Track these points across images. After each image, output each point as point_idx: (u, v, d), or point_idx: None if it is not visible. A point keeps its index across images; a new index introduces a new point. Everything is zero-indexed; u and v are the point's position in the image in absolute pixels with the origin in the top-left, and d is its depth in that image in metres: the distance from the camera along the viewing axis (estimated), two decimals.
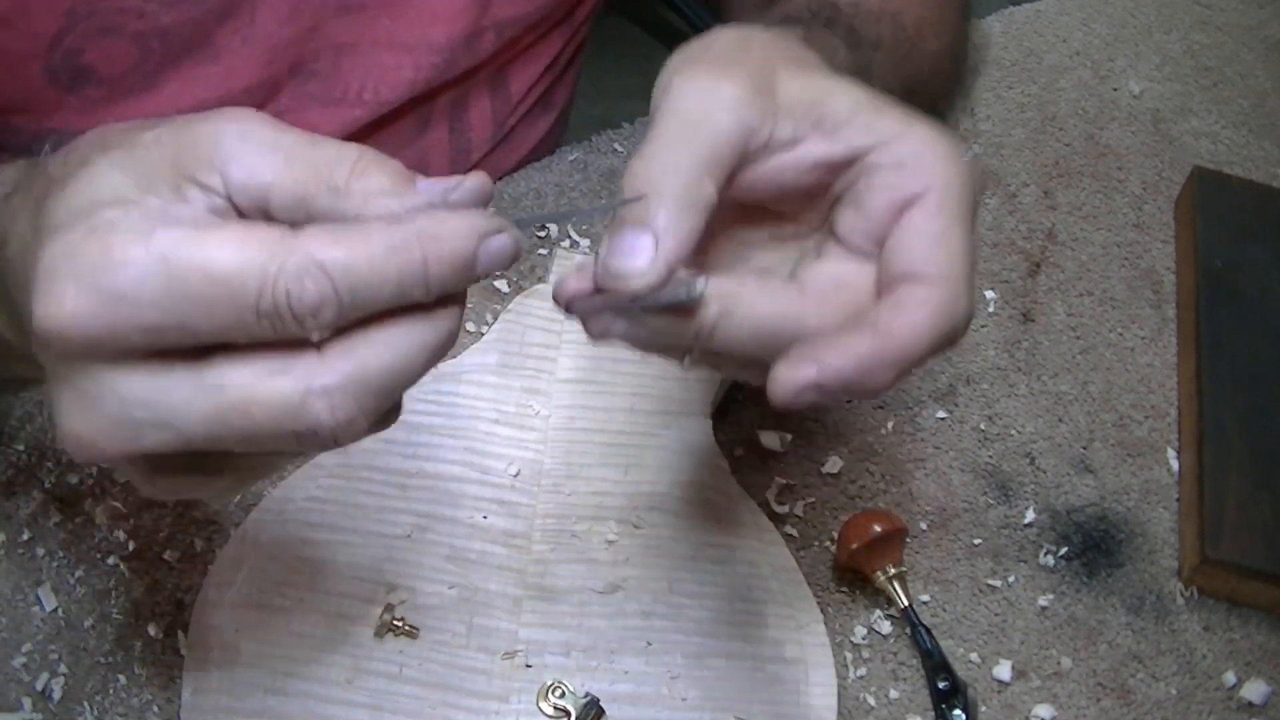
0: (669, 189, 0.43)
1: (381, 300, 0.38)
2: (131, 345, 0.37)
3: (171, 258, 0.36)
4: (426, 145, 0.78)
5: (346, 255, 0.37)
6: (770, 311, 0.44)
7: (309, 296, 0.37)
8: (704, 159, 0.44)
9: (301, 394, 0.38)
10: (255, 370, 0.38)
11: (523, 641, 0.62)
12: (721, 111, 0.45)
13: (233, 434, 0.38)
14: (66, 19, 0.61)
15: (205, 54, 0.66)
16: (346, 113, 0.72)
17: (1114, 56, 0.97)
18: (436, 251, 0.38)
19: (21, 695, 0.60)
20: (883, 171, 0.45)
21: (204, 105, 0.68)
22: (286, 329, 0.37)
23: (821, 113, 0.46)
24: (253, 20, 0.66)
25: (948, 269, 0.44)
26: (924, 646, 0.66)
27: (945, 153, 0.45)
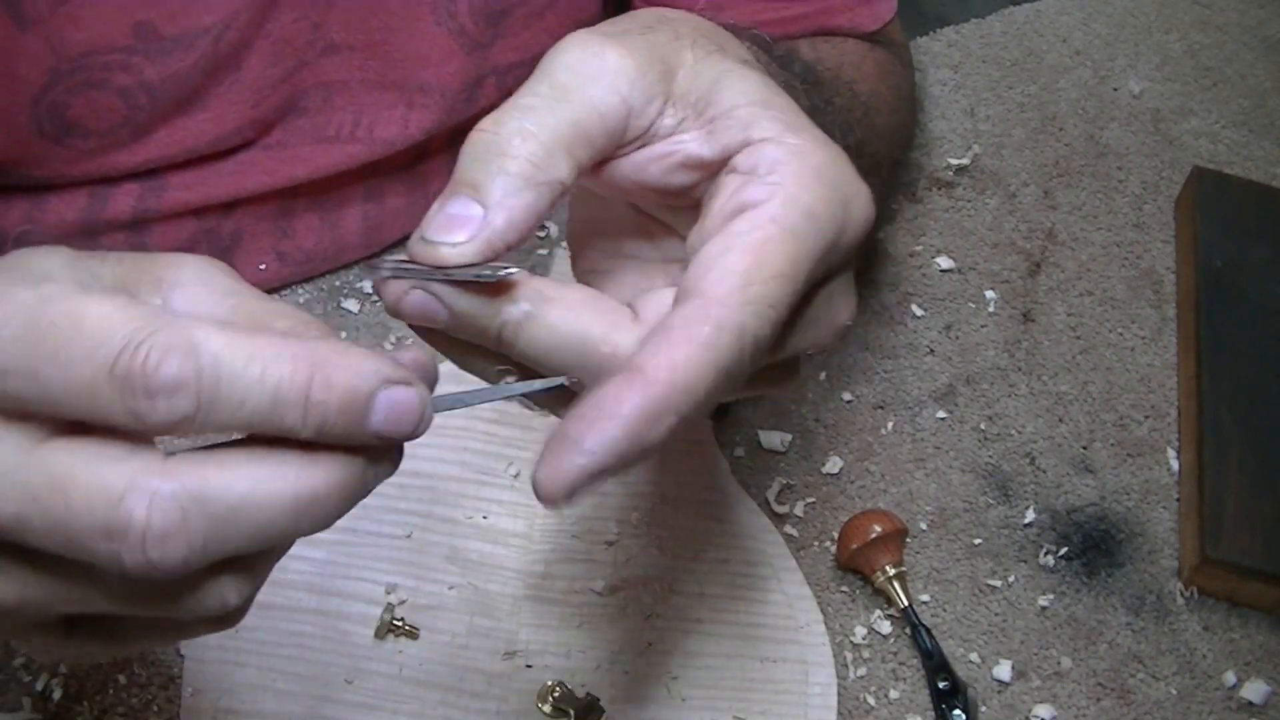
0: (513, 157, 0.38)
1: (247, 413, 0.33)
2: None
3: (49, 301, 0.33)
4: (426, 172, 0.77)
5: (224, 345, 0.33)
6: (580, 329, 0.38)
7: (168, 370, 0.32)
8: (564, 132, 0.39)
9: (125, 486, 0.33)
10: (89, 452, 0.33)
11: (523, 641, 0.62)
12: (598, 82, 0.39)
13: (44, 520, 0.33)
14: (51, 74, 0.61)
15: (194, 104, 0.66)
16: (340, 150, 0.71)
17: (1114, 56, 0.97)
18: (326, 377, 0.34)
19: (21, 695, 0.60)
20: (736, 175, 0.39)
21: (193, 150, 0.68)
22: (137, 406, 0.32)
23: (707, 103, 0.40)
24: (239, 66, 0.66)
25: (741, 290, 0.37)
26: (924, 646, 0.66)
27: (815, 167, 0.39)
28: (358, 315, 0.75)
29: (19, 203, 0.68)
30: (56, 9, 0.59)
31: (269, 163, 0.70)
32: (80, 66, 0.61)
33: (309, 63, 0.68)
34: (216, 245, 0.72)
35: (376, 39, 0.69)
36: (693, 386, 0.36)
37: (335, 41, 0.68)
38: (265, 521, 0.34)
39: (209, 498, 0.33)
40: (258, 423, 0.33)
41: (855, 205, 0.40)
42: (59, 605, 0.36)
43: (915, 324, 0.80)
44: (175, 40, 0.62)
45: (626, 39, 0.40)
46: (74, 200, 0.68)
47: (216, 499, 0.33)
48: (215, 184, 0.70)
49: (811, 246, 0.38)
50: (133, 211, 0.69)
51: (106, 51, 0.61)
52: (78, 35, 0.60)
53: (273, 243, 0.74)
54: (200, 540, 0.33)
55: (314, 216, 0.74)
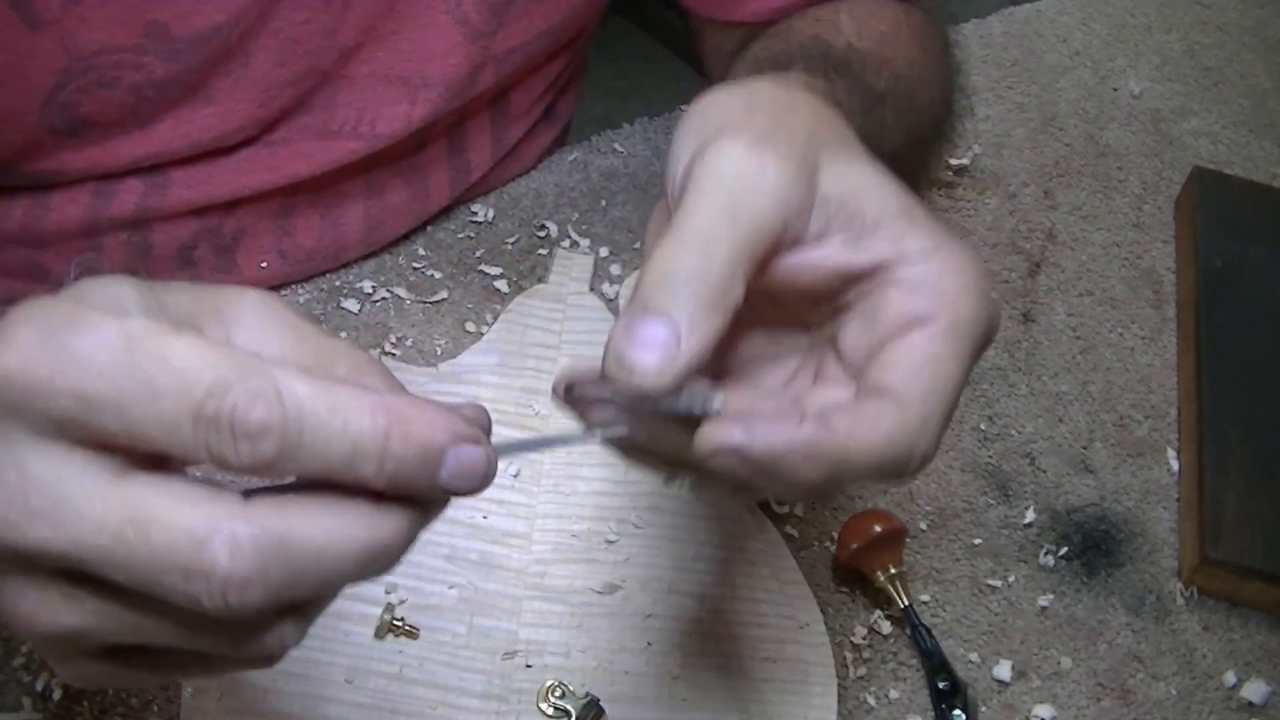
0: (700, 281, 0.39)
1: (328, 460, 0.34)
2: (64, 414, 0.34)
3: (137, 338, 0.34)
4: (424, 162, 0.77)
5: (309, 394, 0.34)
6: (788, 446, 0.39)
7: (256, 416, 0.33)
8: (741, 252, 0.40)
9: (208, 531, 0.33)
10: (170, 492, 0.34)
11: (523, 641, 0.62)
12: (765, 199, 0.41)
13: (123, 554, 0.34)
14: (62, 75, 0.61)
15: (199, 98, 0.66)
16: (342, 145, 0.71)
17: (1114, 56, 0.97)
18: (403, 429, 0.35)
19: (21, 695, 0.60)
20: (900, 288, 0.42)
21: (197, 144, 0.68)
22: (221, 447, 0.34)
23: (852, 210, 0.42)
24: (246, 63, 0.66)
25: (923, 396, 0.40)
26: (924, 646, 0.66)
27: (968, 281, 0.42)
28: (358, 315, 0.75)
29: (22, 201, 0.68)
30: (69, 10, 0.59)
31: (271, 160, 0.70)
32: (92, 66, 0.61)
33: (321, 68, 0.68)
34: (218, 244, 0.72)
35: (387, 36, 0.69)
36: (854, 460, 0.39)
37: (349, 44, 0.68)
38: (336, 570, 0.35)
39: (288, 546, 0.34)
40: (335, 471, 0.34)
41: (997, 314, 0.43)
42: (120, 636, 0.37)
43: None
44: (186, 40, 0.62)
45: (779, 147, 0.41)
46: (77, 198, 0.68)
47: (295, 548, 0.34)
48: (218, 182, 0.70)
49: (971, 363, 0.42)
50: (135, 209, 0.69)
51: (117, 51, 0.61)
52: (89, 35, 0.60)
53: (274, 241, 0.74)
54: (275, 586, 0.34)
55: (315, 214, 0.74)
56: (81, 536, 0.34)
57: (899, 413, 0.40)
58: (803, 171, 0.41)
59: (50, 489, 0.34)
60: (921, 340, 0.41)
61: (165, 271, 0.72)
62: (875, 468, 0.40)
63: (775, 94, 0.46)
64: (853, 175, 0.43)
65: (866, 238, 0.42)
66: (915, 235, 0.42)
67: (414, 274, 0.77)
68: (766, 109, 0.44)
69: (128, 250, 0.71)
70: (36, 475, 0.34)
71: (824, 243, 0.42)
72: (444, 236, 0.80)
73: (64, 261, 0.71)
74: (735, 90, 0.45)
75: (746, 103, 0.44)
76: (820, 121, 0.45)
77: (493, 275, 0.78)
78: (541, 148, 0.86)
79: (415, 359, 0.73)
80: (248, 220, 0.72)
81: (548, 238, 0.80)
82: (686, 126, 0.44)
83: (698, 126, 0.43)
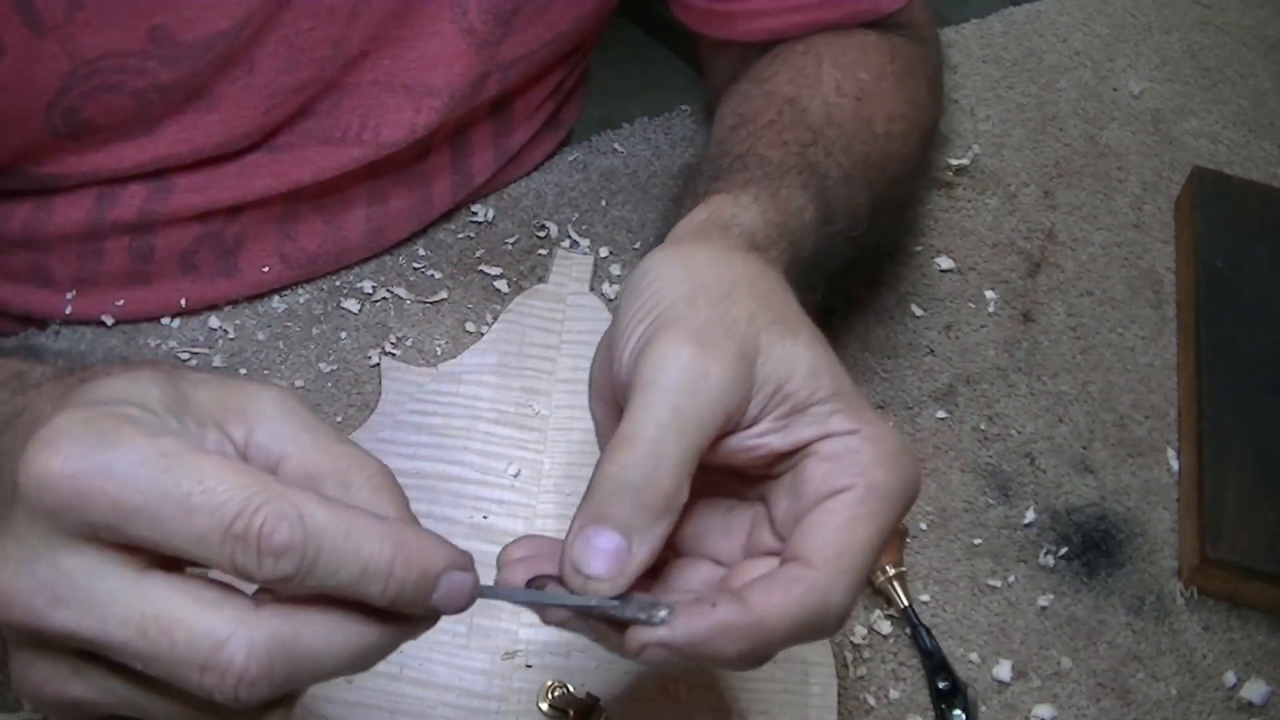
0: (650, 492, 0.44)
1: (339, 578, 0.38)
2: (100, 521, 0.37)
3: (172, 456, 0.38)
4: (427, 169, 0.77)
5: (327, 520, 0.38)
6: (708, 630, 0.43)
7: (280, 537, 0.37)
8: (687, 459, 0.45)
9: (226, 634, 0.37)
10: (193, 595, 0.38)
11: (523, 641, 0.62)
12: (709, 405, 0.45)
13: (145, 648, 0.38)
14: (66, 80, 0.61)
15: (204, 103, 0.66)
16: (345, 152, 0.71)
17: (1114, 56, 0.97)
18: (407, 556, 0.39)
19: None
20: (822, 463, 0.46)
21: (201, 150, 0.68)
22: (246, 561, 0.37)
23: (784, 394, 0.47)
24: (251, 69, 0.65)
25: (835, 559, 0.44)
26: (924, 646, 0.66)
27: (885, 454, 0.46)
28: (358, 315, 0.75)
29: (25, 204, 0.68)
30: (73, 15, 0.59)
31: (274, 165, 0.70)
32: (96, 70, 0.61)
33: (326, 76, 0.68)
34: (221, 248, 0.72)
35: (393, 44, 0.69)
36: (772, 628, 0.43)
37: (354, 53, 0.68)
38: (329, 671, 0.39)
39: (294, 651, 0.38)
40: (344, 588, 0.39)
41: (916, 481, 0.47)
42: (121, 710, 0.40)
43: (915, 324, 0.80)
44: (190, 45, 0.62)
45: (721, 347, 0.46)
46: (80, 202, 0.68)
47: (299, 652, 0.38)
48: (221, 187, 0.70)
49: (887, 526, 0.46)
50: (138, 214, 0.69)
51: (121, 56, 0.61)
52: (93, 40, 0.60)
53: (276, 245, 0.74)
54: (280, 683, 0.38)
55: (317, 219, 0.74)
56: (107, 629, 0.38)
57: (812, 576, 0.44)
58: (743, 366, 0.46)
59: (80, 583, 0.38)
60: (838, 507, 0.45)
61: (166, 274, 0.72)
62: (794, 631, 0.43)
63: (718, 274, 0.49)
64: (788, 361, 0.47)
65: (796, 420, 0.47)
66: (840, 417, 0.47)
67: (414, 274, 0.77)
68: (709, 295, 0.48)
69: (129, 254, 0.71)
70: (67, 570, 0.38)
71: (758, 425, 0.47)
72: (444, 237, 0.80)
73: (66, 265, 0.71)
74: (678, 268, 0.49)
75: (689, 288, 0.48)
76: (761, 303, 0.48)
77: (493, 275, 0.78)
78: (545, 154, 0.85)
79: (415, 359, 0.73)
80: (250, 224, 0.72)
81: (548, 238, 0.80)
82: (632, 301, 0.48)
83: (644, 307, 0.48)
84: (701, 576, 0.49)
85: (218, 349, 0.73)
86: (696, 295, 0.48)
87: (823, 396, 0.47)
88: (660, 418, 0.45)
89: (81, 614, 0.38)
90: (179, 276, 0.72)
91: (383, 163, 0.73)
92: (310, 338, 0.74)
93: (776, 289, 0.51)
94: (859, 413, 0.47)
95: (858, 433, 0.46)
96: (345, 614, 0.39)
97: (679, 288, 0.48)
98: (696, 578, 0.49)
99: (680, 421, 0.45)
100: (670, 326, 0.46)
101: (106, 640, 0.38)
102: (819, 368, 0.47)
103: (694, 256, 0.50)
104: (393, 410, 0.69)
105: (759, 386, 0.47)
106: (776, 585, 0.44)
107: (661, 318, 0.47)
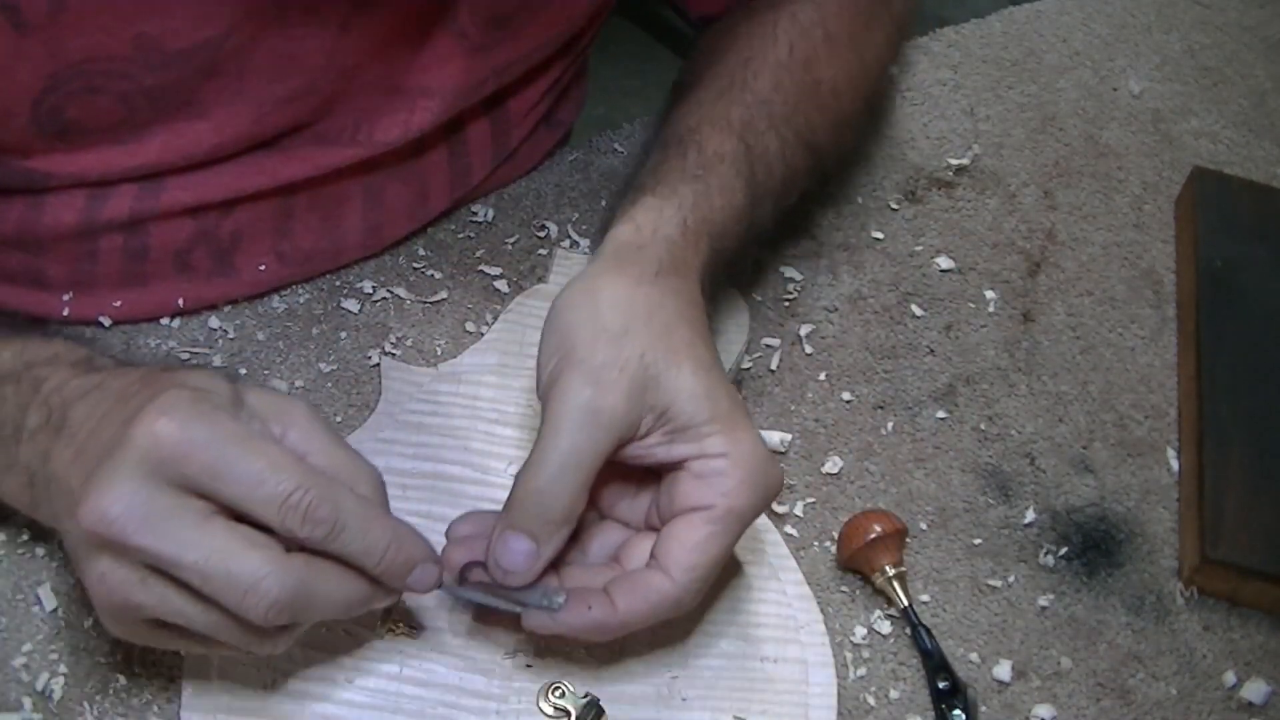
0: (554, 507, 0.57)
1: (350, 548, 0.53)
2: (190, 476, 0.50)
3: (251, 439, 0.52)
4: (423, 167, 0.77)
5: (353, 508, 0.53)
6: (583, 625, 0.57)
7: (322, 512, 0.52)
8: (584, 479, 0.57)
9: (268, 571, 0.51)
10: (246, 539, 0.51)
11: (523, 642, 0.62)
12: (603, 436, 0.57)
13: (205, 572, 0.50)
14: (49, 80, 0.61)
15: (193, 110, 0.66)
16: (340, 152, 0.71)
17: (1114, 56, 0.97)
18: (399, 546, 0.54)
19: (21, 695, 0.60)
20: (693, 479, 0.58)
21: (191, 157, 0.68)
22: (292, 524, 0.51)
23: (668, 417, 0.58)
24: (241, 78, 0.65)
25: (688, 573, 0.57)
26: (924, 646, 0.66)
27: (746, 476, 0.57)
28: (358, 315, 0.75)
29: (16, 204, 0.68)
30: (56, 16, 0.59)
31: (268, 163, 0.70)
32: (80, 73, 0.61)
33: (318, 86, 0.68)
34: (216, 247, 0.72)
35: (387, 52, 0.68)
36: (631, 624, 0.57)
37: (348, 64, 0.68)
38: (328, 610, 0.54)
39: (311, 590, 0.52)
40: (352, 557, 0.53)
41: (774, 490, 0.59)
42: (171, 616, 0.52)
43: (915, 324, 0.80)
44: (176, 53, 0.62)
45: (613, 385, 0.57)
46: (71, 201, 0.68)
47: (314, 591, 0.52)
48: (214, 184, 0.69)
49: (736, 537, 0.58)
50: (130, 212, 0.68)
51: (105, 60, 0.61)
52: (76, 43, 0.60)
53: (272, 244, 0.73)
54: (294, 612, 0.52)
55: (313, 216, 0.74)
56: (180, 553, 0.50)
57: (667, 587, 0.57)
58: (633, 399, 0.57)
59: (166, 517, 0.50)
60: (698, 523, 0.57)
61: (162, 275, 0.72)
62: (647, 623, 0.58)
63: (619, 313, 0.59)
64: (672, 390, 0.58)
65: (678, 437, 0.58)
66: (715, 439, 0.58)
67: (414, 274, 0.77)
68: (608, 335, 0.58)
69: (123, 254, 0.70)
70: (159, 506, 0.50)
71: (648, 439, 0.58)
72: (444, 237, 0.80)
73: (61, 266, 0.70)
74: (585, 308, 0.59)
75: (592, 330, 0.58)
76: (653, 338, 0.59)
77: (493, 275, 0.78)
78: (544, 151, 0.85)
79: (415, 359, 0.73)
80: (245, 222, 0.72)
81: (548, 238, 0.80)
82: (549, 336, 0.59)
83: (556, 343, 0.59)
84: (611, 541, 0.62)
85: (218, 349, 0.73)
86: (598, 336, 0.58)
87: (701, 420, 0.58)
88: (561, 449, 0.56)
89: (162, 539, 0.50)
90: (175, 277, 0.72)
91: (378, 160, 0.73)
92: (310, 338, 0.74)
93: (671, 321, 0.60)
94: (732, 434, 0.58)
95: (726, 456, 0.57)
96: (347, 573, 0.54)
97: (584, 330, 0.58)
98: (608, 541, 0.62)
99: (578, 454, 0.56)
100: (573, 368, 0.57)
101: (178, 562, 0.50)
102: (698, 394, 0.58)
103: (601, 294, 0.60)
104: (392, 410, 0.69)
105: (648, 410, 0.58)
106: (639, 591, 0.57)
107: (566, 358, 0.58)
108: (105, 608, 0.53)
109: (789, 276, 0.81)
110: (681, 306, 0.61)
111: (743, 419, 0.59)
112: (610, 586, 0.58)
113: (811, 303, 0.80)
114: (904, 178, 0.87)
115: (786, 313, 0.79)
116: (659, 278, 0.61)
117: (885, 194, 0.86)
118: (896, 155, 0.89)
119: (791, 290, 0.80)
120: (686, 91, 0.74)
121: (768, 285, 0.80)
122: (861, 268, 0.82)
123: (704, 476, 0.58)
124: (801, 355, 0.77)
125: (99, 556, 0.51)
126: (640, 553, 0.60)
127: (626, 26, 1.65)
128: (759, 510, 0.59)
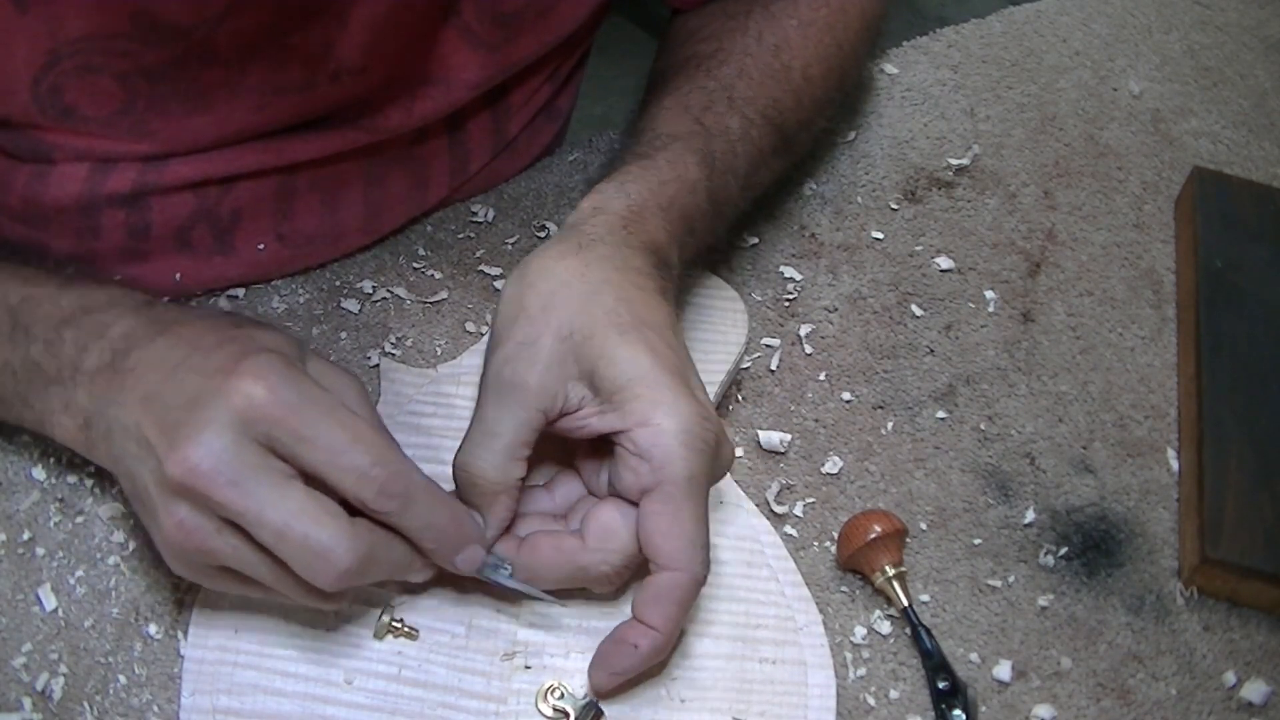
0: (485, 483, 0.59)
1: (413, 523, 0.56)
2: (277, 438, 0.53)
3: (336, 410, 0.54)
4: (424, 153, 0.77)
5: (423, 488, 0.56)
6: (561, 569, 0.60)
7: (395, 487, 0.54)
8: (512, 453, 0.58)
9: (340, 538, 0.53)
10: (322, 505, 0.53)
11: (522, 642, 0.62)
12: (521, 414, 0.58)
13: (284, 531, 0.53)
14: (49, 57, 0.61)
15: (197, 103, 0.66)
16: (342, 136, 0.71)
17: (1114, 56, 0.97)
18: (457, 526, 0.57)
19: (21, 695, 0.60)
20: (632, 457, 0.58)
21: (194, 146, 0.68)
22: (365, 495, 0.54)
23: (596, 384, 0.58)
24: (241, 68, 0.66)
25: (685, 553, 0.57)
26: (924, 646, 0.66)
27: (681, 437, 0.57)
28: (358, 315, 0.75)
29: (21, 174, 0.68)
30: None
31: (271, 145, 0.71)
32: (79, 50, 0.61)
33: (321, 83, 0.68)
34: (216, 226, 0.72)
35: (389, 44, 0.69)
36: (675, 628, 0.58)
37: (350, 64, 0.68)
38: (382, 574, 0.56)
39: (374, 557, 0.55)
40: (411, 531, 0.56)
41: (724, 450, 0.59)
42: (238, 565, 0.55)
43: (915, 324, 0.80)
44: (173, 29, 0.62)
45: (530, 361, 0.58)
46: (75, 173, 0.68)
47: (375, 559, 0.55)
48: (217, 160, 0.70)
49: (701, 500, 0.58)
50: (133, 185, 0.69)
51: (104, 38, 0.61)
52: (75, 20, 0.61)
53: (273, 224, 0.74)
54: (357, 577, 0.54)
55: (314, 198, 0.74)
56: (261, 511, 0.52)
57: (677, 575, 0.57)
58: (552, 371, 0.58)
59: (251, 474, 0.53)
60: (659, 507, 0.57)
61: (164, 254, 0.72)
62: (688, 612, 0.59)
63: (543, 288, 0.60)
64: (592, 357, 0.58)
65: (608, 406, 0.58)
66: (639, 403, 0.57)
67: (414, 274, 0.77)
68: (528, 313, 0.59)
69: (125, 230, 0.71)
70: (245, 463, 0.53)
71: (580, 411, 0.59)
72: (444, 237, 0.80)
73: (64, 241, 0.71)
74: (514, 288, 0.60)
75: (515, 309, 0.60)
76: (574, 308, 0.59)
77: (493, 275, 0.78)
78: (542, 144, 0.86)
79: (415, 359, 0.73)
80: (246, 200, 0.72)
81: (547, 238, 0.80)
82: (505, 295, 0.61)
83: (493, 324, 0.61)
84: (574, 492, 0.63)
85: None
86: (518, 315, 0.59)
87: (623, 383, 0.58)
88: (483, 425, 0.59)
89: (246, 496, 0.52)
90: (175, 254, 0.73)
91: (379, 144, 0.73)
92: (310, 338, 0.74)
93: (595, 288, 0.60)
94: (655, 394, 0.57)
95: (650, 423, 0.57)
96: (402, 544, 0.56)
97: (511, 309, 0.60)
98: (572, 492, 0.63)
99: (497, 426, 0.58)
100: (495, 349, 0.60)
101: (258, 520, 0.52)
102: (620, 358, 0.58)
103: (527, 272, 0.61)
104: (392, 411, 0.69)
105: (575, 380, 0.59)
106: (663, 598, 0.57)
107: (494, 338, 0.60)
108: (177, 550, 0.55)
109: (789, 276, 0.81)
110: (609, 273, 0.61)
111: (667, 378, 0.58)
112: (638, 610, 0.58)
113: (811, 303, 0.80)
114: (904, 178, 0.87)
115: (786, 313, 0.79)
116: (584, 249, 0.61)
117: (885, 194, 0.86)
118: (896, 155, 0.89)
119: (791, 290, 0.80)
120: (652, 85, 0.76)
121: (768, 285, 0.80)
122: (861, 268, 0.82)
123: (640, 453, 0.57)
124: (801, 355, 0.77)
125: (179, 503, 0.53)
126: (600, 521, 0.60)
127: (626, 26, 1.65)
128: (709, 467, 0.58)
